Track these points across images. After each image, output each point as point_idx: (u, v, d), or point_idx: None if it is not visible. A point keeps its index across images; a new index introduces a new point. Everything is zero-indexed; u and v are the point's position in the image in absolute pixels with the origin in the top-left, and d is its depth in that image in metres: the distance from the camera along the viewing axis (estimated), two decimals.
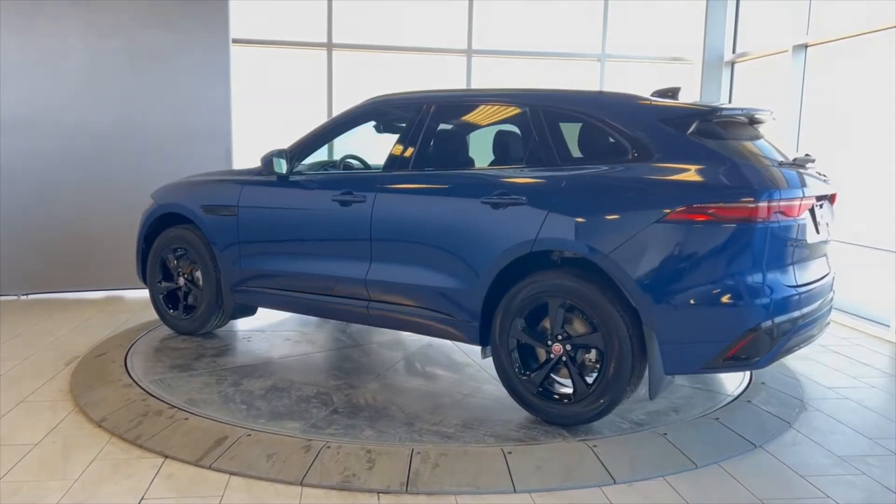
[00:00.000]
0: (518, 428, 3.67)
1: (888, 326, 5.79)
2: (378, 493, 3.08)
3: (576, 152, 3.89)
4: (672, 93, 4.10)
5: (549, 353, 3.67)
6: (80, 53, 6.52)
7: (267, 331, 5.54)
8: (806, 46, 7.03)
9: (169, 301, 5.26)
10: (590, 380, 3.60)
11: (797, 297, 3.56)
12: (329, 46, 7.79)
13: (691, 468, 3.35)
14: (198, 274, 5.06)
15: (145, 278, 5.37)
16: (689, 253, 3.39)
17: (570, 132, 3.94)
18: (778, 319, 3.42)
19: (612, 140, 3.75)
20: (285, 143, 4.84)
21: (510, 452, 3.37)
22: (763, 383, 4.41)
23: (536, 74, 8.48)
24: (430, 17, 8.12)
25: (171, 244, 5.16)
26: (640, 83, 8.58)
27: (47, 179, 6.52)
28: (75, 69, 6.53)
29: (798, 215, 3.55)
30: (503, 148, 4.22)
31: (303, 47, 7.89)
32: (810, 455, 3.55)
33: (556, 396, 3.71)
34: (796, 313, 3.53)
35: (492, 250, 3.80)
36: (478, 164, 4.39)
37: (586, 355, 3.63)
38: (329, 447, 3.36)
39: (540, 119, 3.94)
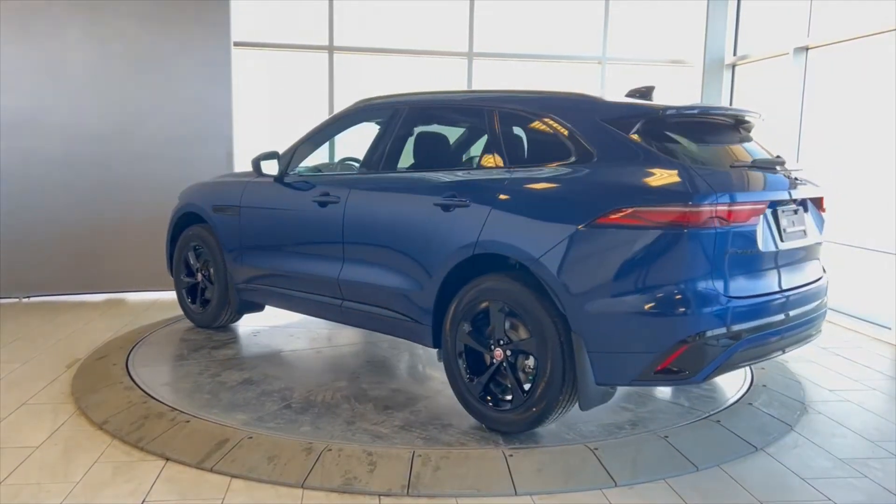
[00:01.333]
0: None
1: (889, 329, 5.78)
2: (379, 495, 3.08)
3: (524, 154, 3.87)
4: (644, 92, 4.00)
5: (491, 358, 3.65)
6: (82, 57, 6.54)
7: (279, 327, 5.69)
8: (807, 49, 7.03)
9: (190, 295, 5.59)
10: (527, 387, 3.53)
11: (747, 307, 3.33)
12: (330, 49, 7.81)
13: (692, 471, 3.34)
14: (212, 270, 5.32)
15: (172, 273, 5.75)
16: (618, 259, 3.25)
17: (525, 134, 3.95)
18: (717, 331, 3.20)
19: (557, 141, 3.67)
20: (286, 145, 4.90)
21: (511, 455, 3.37)
22: (764, 386, 4.41)
23: (537, 77, 8.49)
24: (431, 19, 8.13)
25: (191, 242, 5.50)
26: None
27: (49, 183, 6.53)
28: (77, 73, 6.54)
29: (745, 221, 3.33)
30: (460, 150, 4.30)
31: (304, 50, 7.91)
32: (812, 458, 3.54)
33: (500, 403, 3.65)
34: (745, 325, 3.31)
35: (440, 252, 3.82)
36: (436, 166, 4.30)
37: (525, 362, 3.58)
38: (330, 450, 3.36)
39: (493, 121, 3.94)
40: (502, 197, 3.65)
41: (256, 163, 4.80)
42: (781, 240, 3.56)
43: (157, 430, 3.60)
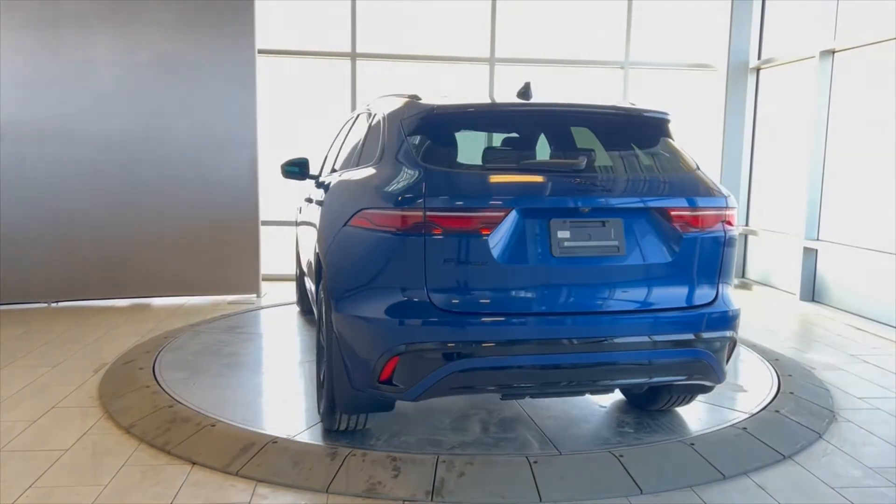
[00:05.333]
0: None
1: None
2: (403, 501, 3.08)
3: (360, 155, 3.95)
4: (524, 91, 3.74)
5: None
6: (109, 66, 6.63)
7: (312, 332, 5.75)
8: (833, 52, 6.95)
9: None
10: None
11: (476, 325, 3.05)
12: (353, 56, 7.86)
13: (719, 479, 3.31)
14: None
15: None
16: (352, 260, 3.30)
17: (366, 135, 4.06)
18: (426, 346, 3.02)
19: (375, 143, 3.70)
20: (309, 151, 5.03)
21: (536, 462, 3.35)
22: (791, 393, 4.35)
23: (559, 83, 8.48)
24: (453, 25, 8.16)
25: None
26: (664, 91, 8.55)
27: (77, 189, 6.62)
28: (104, 82, 6.63)
29: (471, 228, 3.05)
30: (352, 153, 4.36)
31: (328, 57, 7.98)
32: (841, 466, 3.49)
33: None
34: (468, 344, 3.05)
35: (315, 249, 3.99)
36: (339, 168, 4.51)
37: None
38: (354, 455, 3.37)
39: (365, 123, 4.13)
40: (328, 196, 3.99)
41: (281, 167, 4.85)
42: (552, 254, 3.13)
43: (183, 434, 3.63)
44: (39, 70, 6.47)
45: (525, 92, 3.72)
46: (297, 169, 4.75)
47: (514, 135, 3.97)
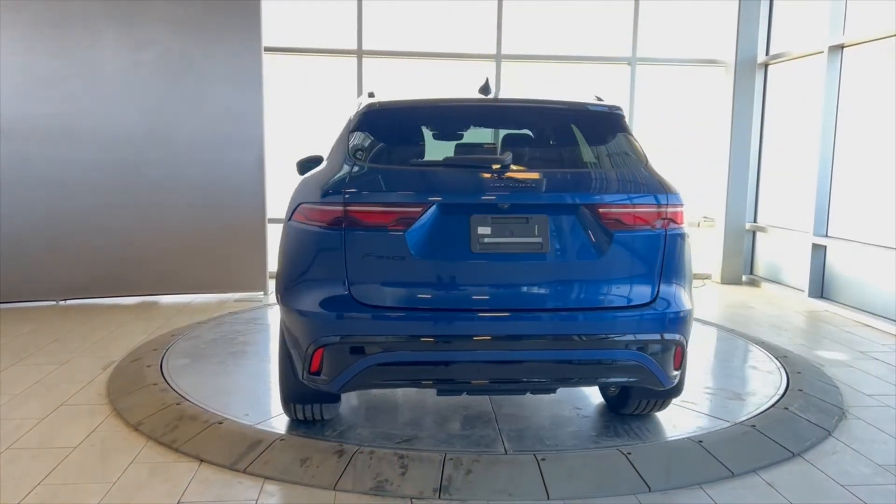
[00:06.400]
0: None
1: None
2: (411, 498, 3.07)
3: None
4: (484, 86, 3.77)
5: None
6: (115, 64, 6.64)
7: None
8: (842, 47, 6.91)
9: None
10: None
11: (393, 319, 3.11)
12: (359, 53, 7.85)
13: (728, 476, 3.29)
14: None
15: None
16: (291, 254, 3.35)
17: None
18: (347, 339, 3.09)
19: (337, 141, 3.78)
20: (318, 150, 4.97)
21: (543, 459, 3.34)
22: (800, 390, 4.33)
23: (567, 79, 8.46)
24: (460, 22, 8.14)
25: None
26: (672, 87, 8.52)
27: (83, 187, 6.63)
28: (110, 80, 6.64)
29: (392, 223, 3.09)
30: None
31: (334, 55, 7.97)
32: (851, 464, 3.47)
33: None
34: (384, 338, 3.10)
35: None
36: None
37: None
38: (362, 453, 3.37)
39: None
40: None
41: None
42: (471, 250, 3.12)
43: (190, 432, 3.63)
44: (45, 69, 6.48)
45: (485, 88, 3.74)
46: (313, 165, 4.77)
47: (459, 132, 3.94)
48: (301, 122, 8.04)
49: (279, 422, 3.77)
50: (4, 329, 5.77)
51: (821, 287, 7.17)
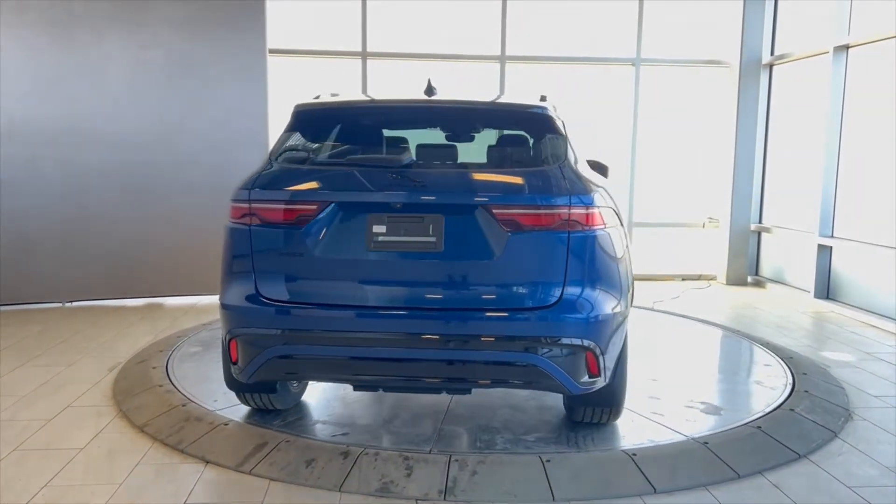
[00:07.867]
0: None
1: None
2: (416, 500, 3.08)
3: None
4: (427, 87, 3.82)
5: None
6: (120, 65, 6.66)
7: None
8: (847, 47, 6.89)
9: None
10: None
11: (291, 313, 3.22)
12: (363, 55, 7.87)
13: (734, 478, 3.28)
14: None
15: None
16: (223, 247, 3.42)
17: None
18: (252, 331, 3.26)
19: None
20: None
21: (548, 461, 3.34)
22: (806, 391, 4.32)
23: (571, 80, 8.46)
24: (464, 24, 8.15)
25: None
26: (677, 87, 8.51)
27: (88, 189, 6.65)
28: (115, 81, 6.66)
29: (291, 220, 3.22)
30: None
31: (338, 56, 7.98)
32: (857, 465, 3.46)
33: None
34: (282, 331, 3.22)
35: None
36: None
37: None
38: (367, 454, 3.37)
39: None
40: None
41: None
42: (367, 248, 3.19)
43: (196, 433, 3.64)
44: (50, 70, 6.50)
45: (428, 89, 3.81)
46: None
47: (382, 132, 3.98)
48: None
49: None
50: (11, 330, 5.80)
51: (826, 288, 7.15)
